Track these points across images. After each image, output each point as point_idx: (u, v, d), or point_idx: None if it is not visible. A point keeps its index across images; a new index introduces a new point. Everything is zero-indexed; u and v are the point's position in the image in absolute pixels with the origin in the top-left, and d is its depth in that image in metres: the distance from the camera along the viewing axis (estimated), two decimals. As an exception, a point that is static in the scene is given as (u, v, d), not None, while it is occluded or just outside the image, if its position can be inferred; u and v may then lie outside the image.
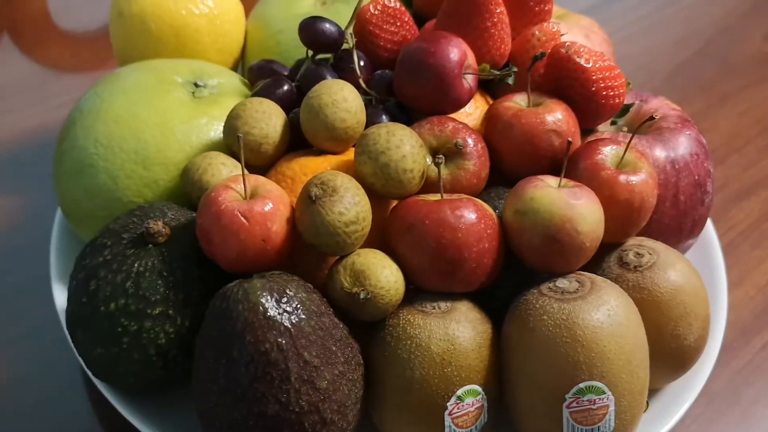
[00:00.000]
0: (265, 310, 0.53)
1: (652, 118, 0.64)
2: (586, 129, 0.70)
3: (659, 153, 0.69)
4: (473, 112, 0.71)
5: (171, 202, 0.62)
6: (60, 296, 0.69)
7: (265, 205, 0.56)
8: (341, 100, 0.63)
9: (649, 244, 0.65)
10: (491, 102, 0.74)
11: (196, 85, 0.72)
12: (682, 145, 0.71)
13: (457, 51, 0.65)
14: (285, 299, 0.53)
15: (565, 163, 0.61)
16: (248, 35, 0.85)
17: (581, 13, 0.86)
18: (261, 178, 0.59)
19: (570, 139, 0.61)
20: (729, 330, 0.73)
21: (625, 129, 0.74)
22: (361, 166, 0.60)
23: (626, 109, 0.72)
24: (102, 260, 0.58)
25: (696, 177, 0.70)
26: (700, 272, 0.65)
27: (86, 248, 0.60)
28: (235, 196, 0.57)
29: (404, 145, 0.60)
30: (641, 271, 0.62)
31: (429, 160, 0.63)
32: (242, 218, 0.55)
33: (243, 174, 0.57)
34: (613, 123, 0.74)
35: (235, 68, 0.85)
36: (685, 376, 0.65)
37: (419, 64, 0.65)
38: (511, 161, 0.66)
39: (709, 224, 0.78)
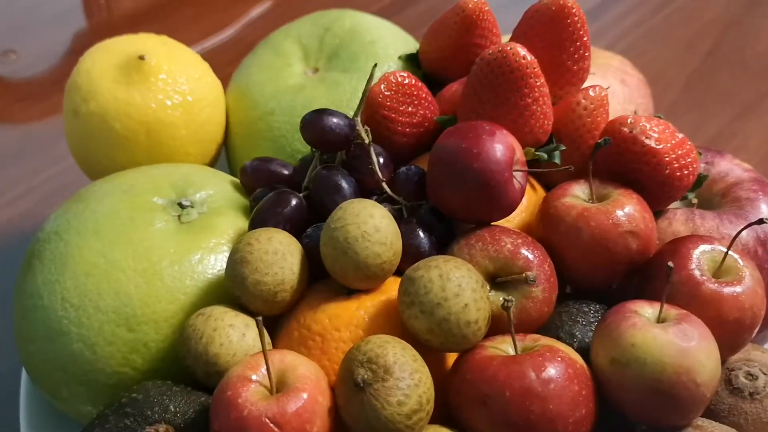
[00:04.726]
0: None
1: (762, 221, 0.51)
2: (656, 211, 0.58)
3: (745, 233, 0.58)
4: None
5: (170, 384, 0.49)
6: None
7: (299, 400, 0.43)
8: (372, 230, 0.49)
9: (758, 357, 0.53)
10: (534, 185, 0.61)
11: (180, 205, 0.58)
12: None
13: (503, 148, 0.52)
14: None
15: (666, 293, 0.48)
16: (231, 114, 0.72)
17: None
18: (288, 356, 0.45)
19: (671, 263, 0.48)
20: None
21: (695, 201, 0.62)
22: (412, 321, 0.47)
23: (699, 182, 0.61)
24: (90, 485, 0.45)
25: (790, 255, 0.59)
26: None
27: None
28: (259, 391, 0.43)
29: (464, 292, 0.46)
30: (759, 399, 0.51)
31: (488, 287, 0.50)
32: (273, 426, 0.42)
33: (267, 364, 0.43)
34: (683, 198, 0.62)
35: (218, 154, 0.71)
36: None
37: (461, 168, 0.52)
38: (580, 269, 0.56)
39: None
